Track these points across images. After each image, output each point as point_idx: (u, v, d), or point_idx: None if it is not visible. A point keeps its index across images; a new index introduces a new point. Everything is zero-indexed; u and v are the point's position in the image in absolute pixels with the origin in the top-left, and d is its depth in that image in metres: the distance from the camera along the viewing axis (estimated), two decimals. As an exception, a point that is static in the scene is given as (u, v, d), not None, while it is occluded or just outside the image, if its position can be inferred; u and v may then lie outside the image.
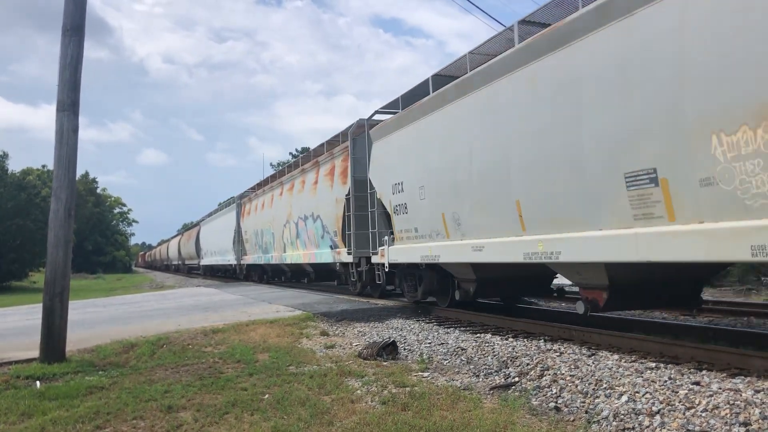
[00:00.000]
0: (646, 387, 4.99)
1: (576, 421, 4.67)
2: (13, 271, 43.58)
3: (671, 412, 4.43)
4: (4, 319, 12.98)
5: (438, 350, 7.66)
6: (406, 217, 11.11)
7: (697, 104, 5.34)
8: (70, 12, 7.91)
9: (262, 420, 4.86)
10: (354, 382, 6.05)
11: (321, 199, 16.22)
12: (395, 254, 11.71)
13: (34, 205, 42.08)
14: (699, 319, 9.59)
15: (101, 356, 7.94)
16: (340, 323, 10.53)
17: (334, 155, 15.50)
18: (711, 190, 5.28)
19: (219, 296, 17.62)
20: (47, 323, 7.54)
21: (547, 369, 5.99)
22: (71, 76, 7.85)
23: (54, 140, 7.81)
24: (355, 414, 4.93)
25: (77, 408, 5.38)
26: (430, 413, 4.84)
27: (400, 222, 11.43)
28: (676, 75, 5.50)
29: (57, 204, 7.72)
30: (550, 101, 7.12)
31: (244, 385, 6.02)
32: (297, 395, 5.52)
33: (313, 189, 16.93)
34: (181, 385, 6.10)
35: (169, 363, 7.33)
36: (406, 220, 11.09)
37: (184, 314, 12.54)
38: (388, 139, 11.88)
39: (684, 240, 5.55)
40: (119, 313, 13.49)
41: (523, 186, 7.74)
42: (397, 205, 11.38)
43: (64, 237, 7.71)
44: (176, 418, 5.04)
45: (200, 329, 9.79)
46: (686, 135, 5.45)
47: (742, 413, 4.20)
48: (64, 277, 7.67)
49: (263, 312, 12.06)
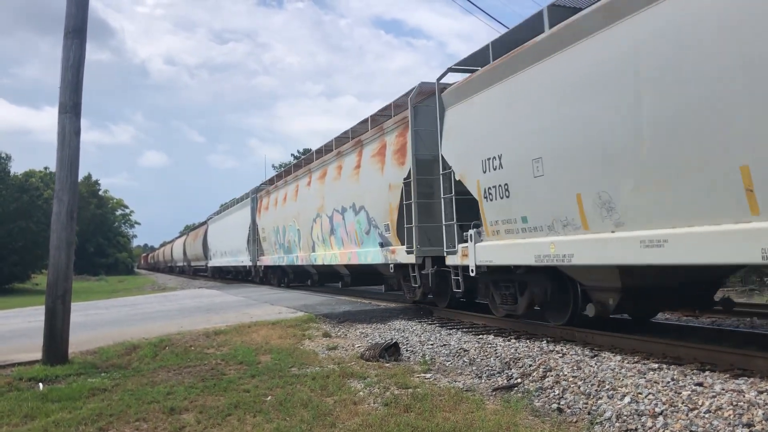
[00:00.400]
0: (649, 388, 4.98)
1: (579, 423, 4.66)
2: (16, 273, 43.73)
3: (674, 413, 4.42)
4: (7, 321, 13.00)
5: (440, 351, 7.65)
6: (505, 202, 8.23)
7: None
8: (72, 14, 7.93)
9: (264, 422, 4.86)
10: (356, 383, 6.05)
11: (366, 186, 13.14)
12: (488, 253, 8.77)
13: (36, 207, 42.20)
14: (702, 320, 9.58)
15: (104, 358, 7.94)
16: (342, 324, 10.53)
17: (384, 131, 12.45)
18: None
19: (221, 298, 17.63)
20: (50, 325, 7.55)
21: (550, 370, 5.98)
22: (73, 79, 7.87)
23: (56, 142, 7.82)
24: (357, 415, 4.93)
25: (80, 410, 5.38)
26: (433, 415, 4.84)
27: (494, 210, 8.50)
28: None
29: (59, 206, 7.73)
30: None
31: (247, 386, 6.03)
32: (299, 397, 5.52)
33: (355, 175, 13.83)
34: (184, 386, 6.11)
35: (171, 365, 7.34)
36: (507, 206, 8.22)
37: (186, 316, 12.55)
38: (471, 102, 9.05)
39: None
40: (121, 315, 13.50)
41: (757, 142, 4.95)
42: (491, 188, 8.47)
43: (66, 239, 7.72)
44: (179, 419, 5.05)
45: (202, 331, 9.80)
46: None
47: (746, 414, 4.19)
48: (66, 279, 7.68)
49: (265, 313, 12.06)
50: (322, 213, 16.13)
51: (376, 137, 12.90)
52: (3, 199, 40.36)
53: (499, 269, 8.86)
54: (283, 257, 20.74)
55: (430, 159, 10.59)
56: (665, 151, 5.77)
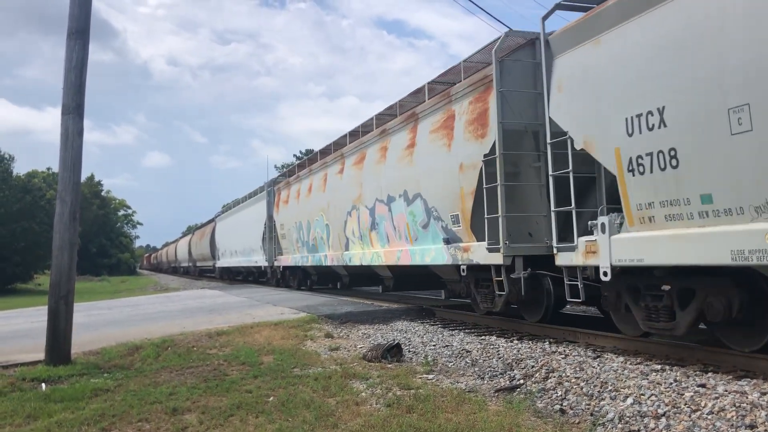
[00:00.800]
0: (652, 389, 4.97)
1: (581, 424, 4.66)
2: (18, 274, 43.85)
3: (677, 415, 4.42)
4: (10, 322, 13.03)
5: (442, 352, 7.65)
6: (669, 176, 5.91)
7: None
8: (75, 15, 7.95)
9: (266, 422, 4.87)
10: (358, 384, 6.06)
11: (424, 168, 10.69)
12: (633, 248, 6.43)
13: (39, 208, 42.31)
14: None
15: (106, 358, 7.96)
16: (345, 325, 10.53)
17: (451, 99, 9.88)
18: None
19: (223, 298, 17.65)
20: (52, 326, 7.56)
21: (552, 371, 5.98)
22: (76, 80, 7.89)
23: (59, 143, 7.84)
24: (359, 416, 4.93)
25: (82, 410, 5.40)
26: (435, 415, 4.84)
27: (647, 187, 6.21)
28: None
29: (62, 207, 7.74)
30: None
31: (249, 387, 6.03)
32: (301, 397, 5.53)
33: (407, 155, 11.36)
34: (186, 387, 6.12)
35: (173, 365, 7.35)
36: (671, 181, 5.91)
37: (188, 317, 12.56)
38: (604, 41, 6.72)
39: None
40: (124, 316, 13.52)
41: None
42: (641, 156, 6.21)
43: (69, 240, 7.73)
44: (181, 420, 5.05)
45: (205, 331, 9.81)
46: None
47: (748, 416, 4.18)
48: (69, 280, 7.70)
49: (267, 314, 12.07)
50: (360, 204, 13.70)
51: (438, 107, 10.39)
52: (6, 200, 40.47)
53: (637, 271, 6.68)
54: (306, 257, 18.45)
55: (520, 129, 8.38)
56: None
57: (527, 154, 8.41)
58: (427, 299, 14.88)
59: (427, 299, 14.88)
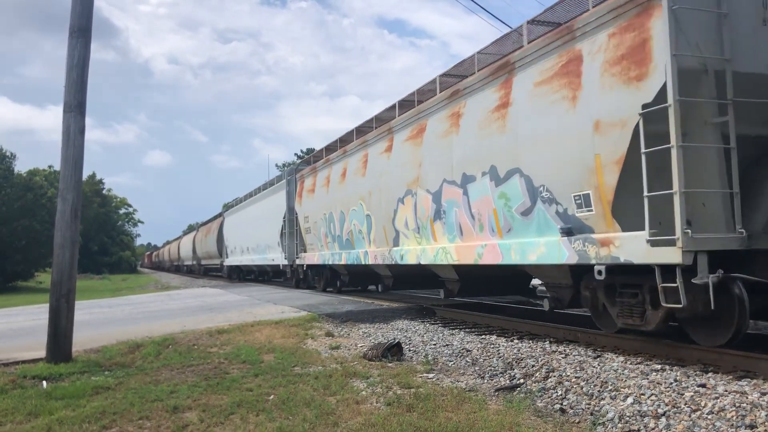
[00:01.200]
0: (652, 389, 4.97)
1: (581, 423, 4.66)
2: (20, 272, 43.94)
3: (677, 414, 4.42)
4: (11, 320, 13.05)
5: (443, 351, 7.66)
6: None
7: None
8: (76, 13, 7.96)
9: (267, 420, 4.87)
10: (359, 383, 6.06)
11: (527, 132, 7.93)
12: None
13: (40, 206, 42.33)
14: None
15: (107, 357, 7.97)
16: (345, 324, 10.54)
17: (574, 33, 7.16)
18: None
19: (224, 297, 17.66)
20: (53, 324, 7.58)
21: (553, 371, 5.98)
22: (78, 78, 7.89)
23: (61, 141, 7.86)
24: (360, 415, 4.93)
25: (83, 408, 5.41)
26: (435, 414, 4.85)
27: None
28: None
29: (63, 205, 7.76)
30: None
31: (250, 385, 6.04)
32: (302, 396, 5.53)
33: (496, 119, 8.58)
34: (187, 385, 6.13)
35: (174, 363, 7.36)
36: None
37: (189, 315, 12.58)
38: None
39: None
40: (125, 314, 13.54)
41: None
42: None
43: (70, 238, 7.74)
44: (182, 418, 5.06)
45: (205, 330, 9.82)
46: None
47: (749, 416, 4.19)
48: (70, 278, 7.71)
49: (268, 313, 12.08)
50: (417, 189, 11.00)
51: (550, 48, 7.58)
52: (7, 198, 40.54)
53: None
54: (338, 254, 15.53)
55: (697, 68, 5.95)
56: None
57: (706, 103, 5.94)
58: (374, 292, 13.93)
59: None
